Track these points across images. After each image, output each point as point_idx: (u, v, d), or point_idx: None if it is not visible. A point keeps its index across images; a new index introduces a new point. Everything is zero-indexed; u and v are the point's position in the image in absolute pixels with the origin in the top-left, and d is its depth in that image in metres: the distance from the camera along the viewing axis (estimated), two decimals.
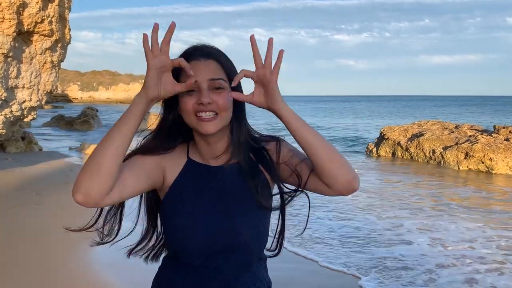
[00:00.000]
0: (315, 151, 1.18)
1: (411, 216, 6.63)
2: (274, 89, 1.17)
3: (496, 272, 4.56)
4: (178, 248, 1.26)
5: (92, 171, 1.11)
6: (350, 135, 21.96)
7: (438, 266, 4.66)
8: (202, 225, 1.24)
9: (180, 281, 1.28)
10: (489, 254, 5.07)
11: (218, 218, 1.25)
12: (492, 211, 7.11)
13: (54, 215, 5.81)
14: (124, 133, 1.15)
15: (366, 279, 4.30)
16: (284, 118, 1.19)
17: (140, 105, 1.15)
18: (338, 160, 1.19)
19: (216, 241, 1.23)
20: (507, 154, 10.91)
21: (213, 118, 1.21)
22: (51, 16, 9.21)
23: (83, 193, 1.10)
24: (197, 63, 1.21)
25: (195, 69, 1.19)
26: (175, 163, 1.31)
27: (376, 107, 67.84)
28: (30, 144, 11.91)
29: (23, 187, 7.37)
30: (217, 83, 1.21)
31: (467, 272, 4.55)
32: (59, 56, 10.10)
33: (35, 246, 4.60)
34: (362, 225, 6.08)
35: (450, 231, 5.93)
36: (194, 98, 1.21)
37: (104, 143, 1.14)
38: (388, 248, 5.19)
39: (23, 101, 9.46)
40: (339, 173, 1.18)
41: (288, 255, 4.70)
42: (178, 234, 1.25)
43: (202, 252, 1.24)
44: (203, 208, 1.26)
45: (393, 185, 9.31)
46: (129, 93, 75.77)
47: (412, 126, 14.41)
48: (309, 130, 1.19)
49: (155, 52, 1.12)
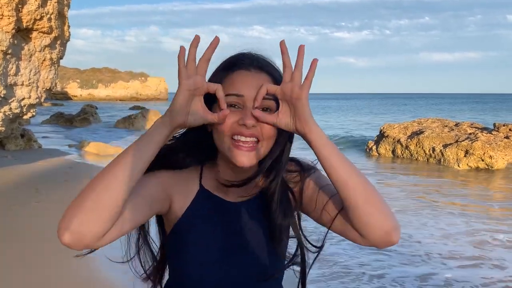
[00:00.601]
0: (348, 190, 0.95)
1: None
2: (303, 107, 0.96)
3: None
4: (185, 283, 1.10)
5: (90, 208, 0.89)
6: (350, 133, 21.94)
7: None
8: (212, 268, 1.08)
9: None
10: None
11: (229, 262, 1.08)
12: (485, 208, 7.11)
13: (54, 213, 5.79)
14: (138, 163, 0.92)
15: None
16: (313, 143, 0.97)
17: (163, 132, 0.95)
18: (377, 205, 0.95)
19: (228, 283, 1.08)
20: (507, 152, 10.91)
21: (251, 148, 1.00)
22: (50, 13, 9.18)
23: (74, 234, 0.87)
24: (246, 74, 1.02)
25: (243, 81, 1.01)
26: (184, 190, 1.10)
27: (376, 104, 67.78)
28: (29, 142, 11.89)
29: (22, 185, 7.36)
30: (265, 104, 1.00)
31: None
32: (58, 53, 10.07)
33: (35, 244, 4.58)
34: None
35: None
36: (235, 116, 1.00)
37: (108, 174, 0.92)
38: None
39: (22, 98, 9.44)
40: (376, 221, 0.94)
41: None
42: (188, 272, 1.08)
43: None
44: (215, 249, 1.08)
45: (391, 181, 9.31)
46: (128, 91, 75.72)
47: (412, 124, 14.40)
48: (344, 162, 0.97)
49: (191, 71, 0.94)
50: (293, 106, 0.97)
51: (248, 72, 1.02)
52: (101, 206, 0.89)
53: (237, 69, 1.03)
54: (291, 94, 0.96)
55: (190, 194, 1.11)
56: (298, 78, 0.96)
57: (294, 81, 0.96)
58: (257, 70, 1.03)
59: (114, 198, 0.90)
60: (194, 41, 0.93)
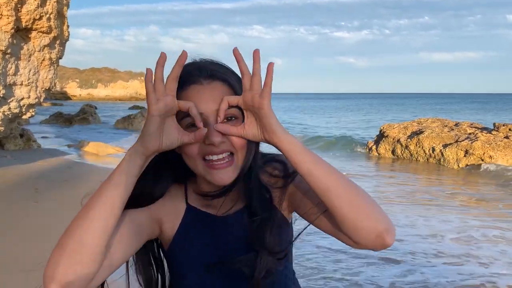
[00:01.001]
0: (330, 197, 0.89)
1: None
2: (268, 117, 0.89)
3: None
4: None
5: (73, 251, 0.84)
6: (349, 133, 21.94)
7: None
8: (210, 281, 1.06)
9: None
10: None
11: (225, 272, 1.06)
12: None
13: (53, 213, 5.79)
14: (117, 199, 0.87)
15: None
16: (285, 153, 0.91)
17: (137, 162, 0.88)
18: (364, 209, 0.90)
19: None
20: (506, 152, 10.90)
21: (228, 163, 0.95)
22: (49, 13, 9.17)
23: (61, 283, 0.83)
24: (199, 88, 0.95)
25: (198, 96, 0.94)
26: (172, 211, 1.07)
27: (376, 104, 67.81)
28: (28, 142, 11.88)
29: (21, 185, 7.34)
30: (230, 112, 0.94)
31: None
32: (57, 53, 10.06)
33: (34, 244, 4.57)
34: None
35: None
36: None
37: (88, 213, 0.87)
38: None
39: (21, 98, 9.42)
40: (365, 226, 0.88)
41: None
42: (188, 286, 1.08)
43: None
44: (210, 263, 1.06)
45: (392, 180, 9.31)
46: (128, 90, 75.75)
47: (412, 124, 14.39)
48: (322, 168, 0.90)
49: (160, 93, 0.87)
50: (257, 115, 0.91)
51: (201, 86, 0.95)
52: (85, 248, 0.85)
53: (189, 84, 0.95)
54: (252, 103, 0.90)
55: (178, 213, 1.08)
56: (257, 85, 0.89)
57: (254, 89, 0.89)
58: (209, 80, 0.96)
59: (97, 238, 0.86)
60: (160, 60, 0.86)
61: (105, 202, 0.87)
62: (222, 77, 0.97)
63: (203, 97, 0.94)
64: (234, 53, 0.88)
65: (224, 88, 0.96)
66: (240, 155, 0.97)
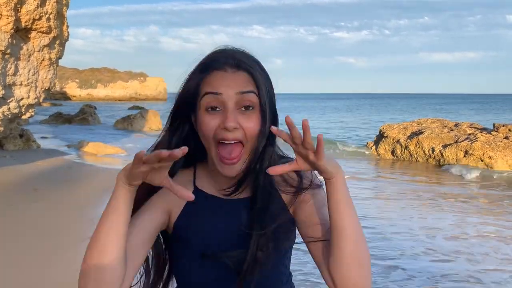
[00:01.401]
0: (342, 235, 0.93)
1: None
2: (324, 166, 0.92)
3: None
4: (186, 281, 1.10)
5: (97, 276, 0.91)
6: (349, 133, 21.95)
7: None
8: (213, 271, 1.06)
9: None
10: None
11: (226, 256, 1.05)
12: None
13: (53, 213, 5.79)
14: (120, 225, 0.91)
15: None
16: (328, 187, 0.95)
17: (127, 196, 0.91)
18: (360, 260, 0.93)
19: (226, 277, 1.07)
20: (506, 152, 10.91)
21: (236, 160, 1.00)
22: (49, 13, 9.16)
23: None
24: (222, 74, 0.99)
25: (220, 81, 0.98)
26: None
27: (376, 104, 67.83)
28: (28, 142, 11.87)
29: (21, 185, 7.34)
30: (246, 99, 0.97)
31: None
32: (57, 53, 10.06)
33: (34, 244, 4.57)
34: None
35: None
36: (217, 119, 0.98)
37: (101, 241, 0.91)
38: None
39: (21, 98, 9.42)
40: (353, 275, 0.92)
41: None
42: (185, 278, 1.09)
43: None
44: (214, 244, 1.07)
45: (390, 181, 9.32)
46: (127, 91, 75.73)
47: (412, 124, 14.39)
48: (350, 210, 0.95)
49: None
50: (310, 163, 0.94)
51: (225, 73, 0.99)
52: (107, 270, 0.91)
53: (213, 70, 1.00)
54: (306, 159, 0.93)
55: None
56: (311, 145, 0.90)
57: (308, 148, 0.90)
58: (233, 69, 0.99)
59: (115, 257, 0.91)
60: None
61: (110, 231, 0.91)
62: (247, 68, 1.00)
63: (224, 83, 0.97)
64: (287, 121, 0.88)
65: (247, 79, 0.99)
66: (249, 145, 0.99)
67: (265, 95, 1.01)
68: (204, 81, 1.00)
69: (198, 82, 1.01)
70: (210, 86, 0.98)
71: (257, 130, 0.99)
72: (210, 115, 0.98)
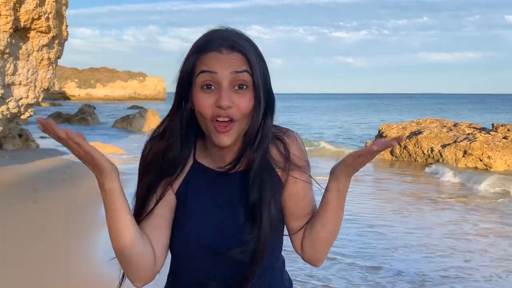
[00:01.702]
0: (324, 229, 1.11)
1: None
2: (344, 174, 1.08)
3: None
4: (179, 266, 1.15)
5: (126, 266, 1.07)
6: (347, 132, 21.96)
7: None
8: (209, 232, 1.10)
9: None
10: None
11: (225, 233, 1.10)
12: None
13: (52, 212, 5.79)
14: (126, 225, 1.04)
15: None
16: (331, 187, 1.08)
17: (108, 188, 1.03)
18: (329, 245, 1.15)
19: (223, 260, 1.10)
20: (505, 152, 10.92)
21: (228, 127, 1.03)
22: (48, 12, 9.16)
23: (140, 282, 1.09)
24: (217, 55, 1.02)
25: (215, 62, 1.01)
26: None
27: (375, 104, 67.87)
28: (27, 141, 11.86)
29: (20, 185, 7.34)
30: (240, 78, 1.01)
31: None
32: (56, 53, 10.05)
33: (33, 243, 4.57)
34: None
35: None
36: (213, 97, 1.01)
37: (118, 248, 1.05)
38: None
39: (20, 98, 9.41)
40: (320, 254, 1.15)
41: None
42: (181, 252, 1.12)
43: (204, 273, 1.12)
44: (211, 215, 1.11)
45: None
46: (126, 90, 75.66)
47: (411, 124, 14.41)
48: (341, 213, 1.11)
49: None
50: (354, 168, 1.06)
51: (220, 55, 1.02)
52: (139, 268, 1.06)
53: (209, 51, 1.02)
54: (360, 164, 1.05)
55: (185, 169, 1.14)
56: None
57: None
58: (228, 50, 1.02)
59: (142, 255, 1.05)
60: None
61: (118, 236, 1.04)
62: (241, 50, 1.03)
63: (219, 64, 1.01)
64: (397, 138, 0.95)
65: (242, 60, 1.03)
66: (242, 123, 1.04)
67: (259, 74, 1.04)
68: (200, 61, 1.03)
69: (194, 62, 1.04)
70: (206, 65, 1.02)
71: (250, 108, 1.03)
72: (205, 93, 1.02)
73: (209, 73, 1.01)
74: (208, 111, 1.02)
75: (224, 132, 1.02)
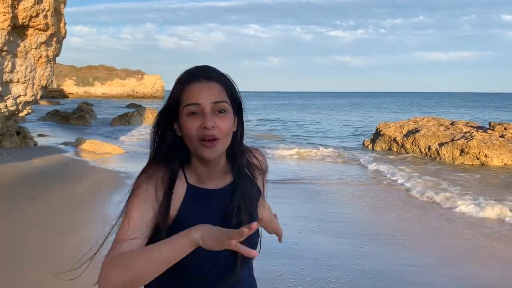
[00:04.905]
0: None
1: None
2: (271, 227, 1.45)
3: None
4: (186, 270, 1.23)
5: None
6: (346, 131, 21.99)
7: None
8: (209, 254, 1.17)
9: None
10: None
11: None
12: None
13: (50, 210, 5.80)
14: (157, 272, 1.11)
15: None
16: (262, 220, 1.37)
17: (187, 247, 1.10)
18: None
19: (221, 267, 1.25)
20: (502, 151, 10.97)
21: (214, 144, 1.21)
22: (46, 10, 9.15)
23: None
24: (199, 85, 1.23)
25: (199, 91, 1.22)
26: (174, 192, 1.25)
27: (372, 103, 67.89)
28: (25, 139, 11.86)
29: (18, 182, 7.34)
30: (220, 106, 1.22)
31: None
32: (54, 51, 10.05)
33: (31, 241, 4.58)
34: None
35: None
36: (198, 121, 1.21)
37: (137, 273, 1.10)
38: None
39: (18, 95, 9.41)
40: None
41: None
42: (188, 262, 1.19)
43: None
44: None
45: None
46: (124, 88, 75.57)
47: (408, 123, 14.45)
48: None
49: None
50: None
51: (201, 84, 1.23)
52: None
53: (191, 82, 1.23)
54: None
55: (180, 193, 1.26)
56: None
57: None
58: (207, 80, 1.24)
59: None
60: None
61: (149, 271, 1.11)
62: (217, 79, 1.26)
63: (202, 92, 1.22)
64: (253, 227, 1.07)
65: (219, 87, 1.25)
66: (224, 140, 1.24)
67: (232, 99, 1.27)
68: (184, 92, 1.23)
69: (179, 94, 1.24)
70: (191, 98, 1.22)
71: (229, 127, 1.24)
72: (192, 118, 1.22)
73: (194, 105, 1.22)
74: (195, 133, 1.21)
75: (210, 147, 1.21)
